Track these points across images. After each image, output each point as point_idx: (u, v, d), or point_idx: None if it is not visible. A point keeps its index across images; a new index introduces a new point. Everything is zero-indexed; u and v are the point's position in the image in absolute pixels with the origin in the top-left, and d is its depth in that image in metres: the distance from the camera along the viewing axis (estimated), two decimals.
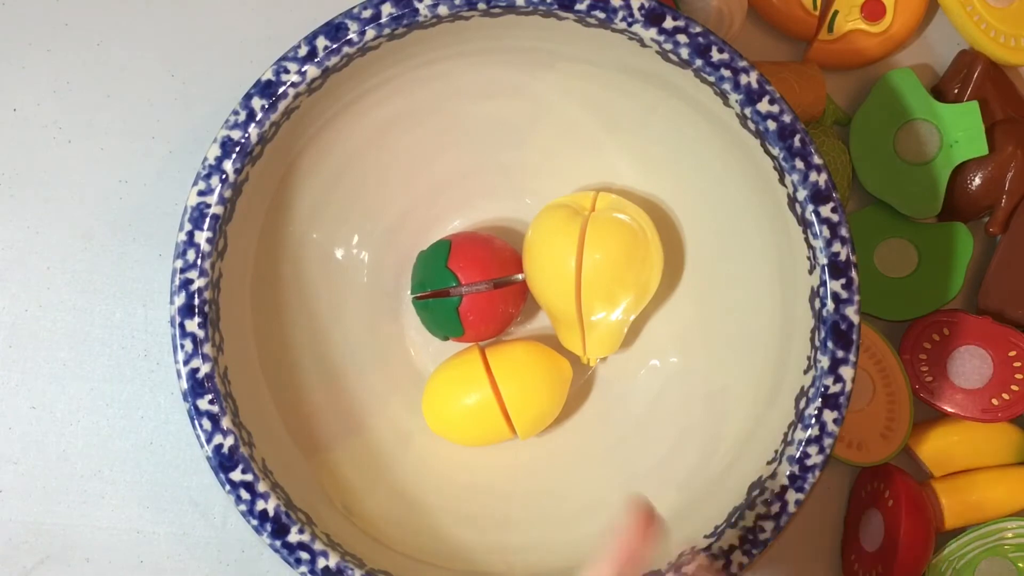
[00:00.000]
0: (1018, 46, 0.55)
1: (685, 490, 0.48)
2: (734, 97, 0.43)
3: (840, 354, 0.43)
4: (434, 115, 0.50)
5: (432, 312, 0.50)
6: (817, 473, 0.43)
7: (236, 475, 0.43)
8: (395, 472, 0.50)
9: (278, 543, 0.43)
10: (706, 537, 0.44)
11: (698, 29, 0.43)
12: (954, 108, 0.53)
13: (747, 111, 0.43)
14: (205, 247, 0.44)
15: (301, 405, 0.49)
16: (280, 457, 0.46)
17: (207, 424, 0.44)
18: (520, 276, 0.51)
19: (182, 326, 0.44)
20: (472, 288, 0.49)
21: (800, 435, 0.43)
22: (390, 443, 0.51)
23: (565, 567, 0.47)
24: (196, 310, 0.44)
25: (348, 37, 0.43)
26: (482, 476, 0.51)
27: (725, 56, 0.43)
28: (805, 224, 0.43)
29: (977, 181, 0.54)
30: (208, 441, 0.44)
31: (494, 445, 0.51)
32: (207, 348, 0.44)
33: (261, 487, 0.43)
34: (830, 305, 0.43)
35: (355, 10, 0.43)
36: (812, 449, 0.43)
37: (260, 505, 0.43)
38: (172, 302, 0.44)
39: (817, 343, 0.43)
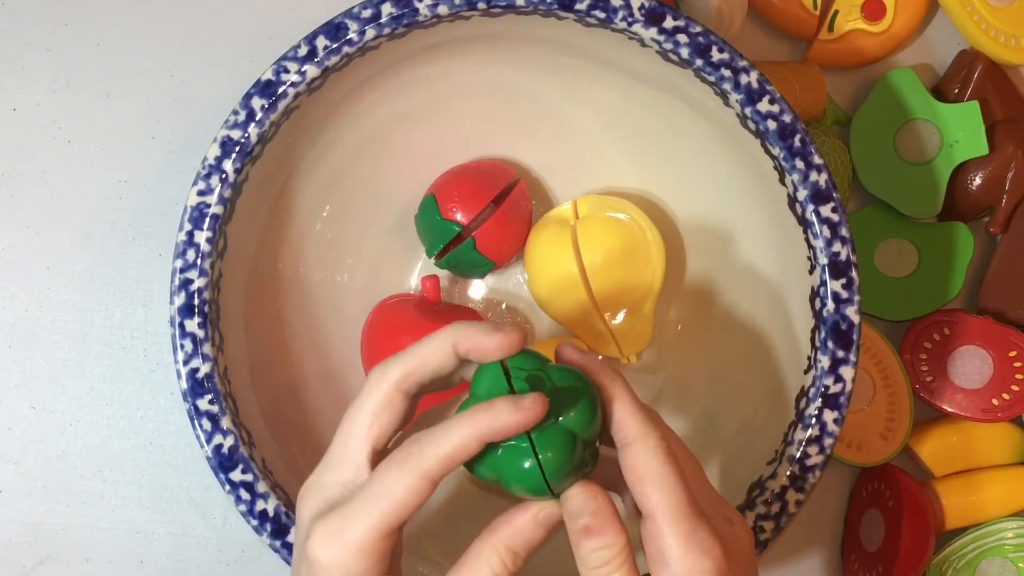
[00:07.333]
0: (1018, 46, 0.55)
1: None
2: (734, 97, 0.43)
3: (840, 354, 0.43)
4: (434, 115, 0.50)
5: (459, 263, 0.50)
6: (817, 473, 0.43)
7: (236, 475, 0.43)
8: None
9: (278, 543, 0.43)
10: None
11: (698, 29, 0.43)
12: (954, 108, 0.53)
13: (747, 111, 0.43)
14: (205, 247, 0.44)
15: (302, 404, 0.49)
16: (280, 457, 0.46)
17: (207, 424, 0.44)
18: (514, 178, 0.50)
19: (182, 326, 0.44)
20: (476, 223, 0.49)
21: (800, 435, 0.43)
22: None
23: (566, 567, 0.47)
24: (196, 310, 0.44)
25: (348, 37, 0.43)
26: None
27: (725, 56, 0.43)
28: (805, 224, 0.43)
29: (977, 181, 0.54)
30: (208, 441, 0.44)
31: None
32: (207, 348, 0.44)
33: (261, 487, 0.43)
34: (830, 305, 0.43)
35: (355, 10, 0.43)
36: (812, 449, 0.43)
37: (260, 505, 0.43)
38: (172, 302, 0.44)
39: (817, 343, 0.43)
